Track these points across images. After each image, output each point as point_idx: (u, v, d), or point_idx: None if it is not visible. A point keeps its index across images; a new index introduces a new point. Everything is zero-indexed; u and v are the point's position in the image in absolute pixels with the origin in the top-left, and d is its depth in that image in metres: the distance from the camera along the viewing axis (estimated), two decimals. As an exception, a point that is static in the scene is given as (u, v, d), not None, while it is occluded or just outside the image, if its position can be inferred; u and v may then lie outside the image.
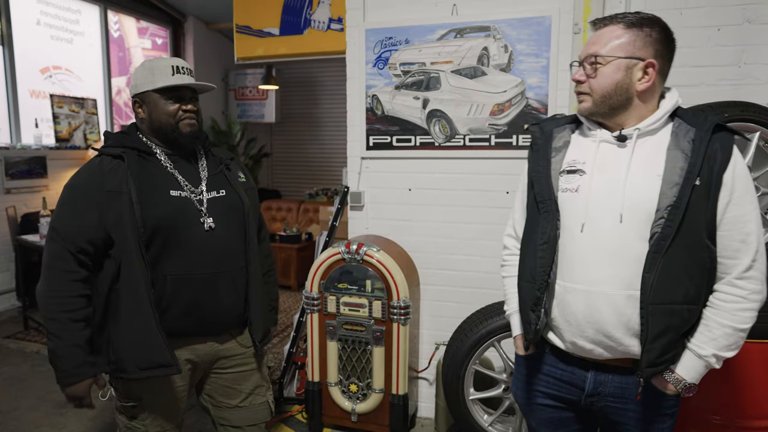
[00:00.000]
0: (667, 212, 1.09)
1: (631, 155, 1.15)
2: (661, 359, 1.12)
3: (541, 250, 1.22)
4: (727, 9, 2.08)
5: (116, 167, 1.40)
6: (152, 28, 5.96)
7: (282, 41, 3.25)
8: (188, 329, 1.49)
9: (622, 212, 1.13)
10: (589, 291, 1.16)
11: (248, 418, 1.66)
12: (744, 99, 1.87)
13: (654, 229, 1.10)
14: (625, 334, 1.14)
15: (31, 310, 3.95)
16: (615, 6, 2.18)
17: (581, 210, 1.18)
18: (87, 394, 1.38)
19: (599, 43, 1.17)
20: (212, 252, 1.47)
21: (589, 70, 1.18)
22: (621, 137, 1.17)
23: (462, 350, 1.97)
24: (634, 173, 1.14)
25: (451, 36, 2.39)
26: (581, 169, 1.20)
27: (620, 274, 1.13)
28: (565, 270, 1.20)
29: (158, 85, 1.44)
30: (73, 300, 1.36)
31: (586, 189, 1.18)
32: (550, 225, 1.21)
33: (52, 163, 4.57)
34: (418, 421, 2.62)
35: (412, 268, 2.52)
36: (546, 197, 1.23)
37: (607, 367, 1.20)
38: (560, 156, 1.25)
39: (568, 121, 1.31)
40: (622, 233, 1.13)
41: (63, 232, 1.37)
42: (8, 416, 2.65)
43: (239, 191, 1.57)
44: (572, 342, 1.20)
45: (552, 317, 1.23)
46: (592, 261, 1.16)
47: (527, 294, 1.26)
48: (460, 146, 2.44)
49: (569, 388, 1.26)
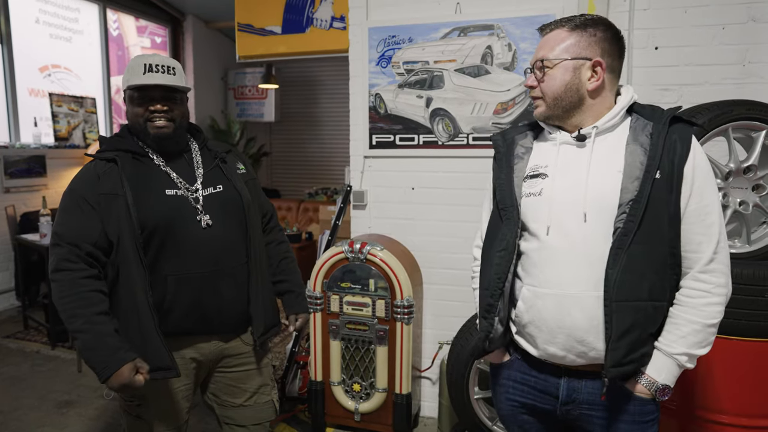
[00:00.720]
0: (629, 207, 1.08)
1: (591, 154, 1.15)
2: (628, 358, 1.09)
3: (498, 256, 1.21)
4: (732, 7, 2.07)
5: (110, 170, 1.39)
6: (151, 26, 5.94)
7: (284, 40, 3.23)
8: (192, 328, 1.49)
9: (585, 211, 1.12)
10: (558, 294, 1.13)
11: (253, 417, 1.65)
12: (748, 97, 1.86)
13: (616, 224, 1.09)
14: (596, 338, 1.11)
15: (30, 310, 3.93)
16: (619, 4, 2.18)
17: (545, 213, 1.16)
18: (132, 378, 1.31)
19: (546, 48, 1.18)
20: (210, 250, 1.46)
21: (538, 75, 1.19)
22: (580, 137, 1.17)
23: (467, 349, 1.97)
24: (594, 171, 1.14)
25: (454, 34, 2.39)
26: (543, 173, 1.20)
27: (588, 275, 1.11)
28: (533, 274, 1.18)
29: (130, 83, 1.42)
30: (90, 294, 1.34)
31: (549, 191, 1.17)
32: (510, 232, 1.21)
33: (52, 162, 4.55)
34: (422, 421, 2.62)
35: (415, 267, 2.51)
36: (508, 204, 1.22)
37: (579, 373, 1.18)
38: (523, 162, 1.25)
39: (529, 127, 1.31)
40: (587, 233, 1.12)
41: (67, 237, 1.35)
42: (9, 416, 2.64)
43: (237, 185, 1.55)
44: (544, 349, 1.17)
45: (523, 324, 1.20)
46: (559, 263, 1.14)
47: (481, 300, 1.25)
48: (464, 145, 2.44)
49: (543, 396, 1.23)
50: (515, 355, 1.28)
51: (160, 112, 1.42)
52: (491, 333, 1.22)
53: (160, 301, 1.42)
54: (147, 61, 1.42)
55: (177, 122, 1.46)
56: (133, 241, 1.36)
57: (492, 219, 1.30)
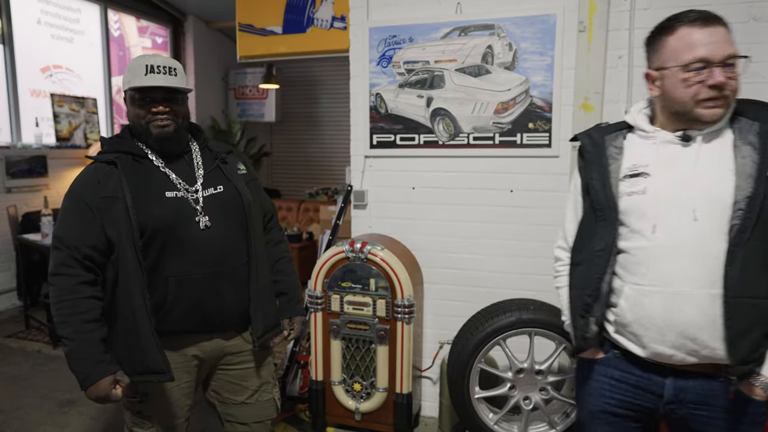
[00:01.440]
0: (745, 203, 1.09)
1: (698, 153, 1.16)
2: (752, 357, 1.10)
3: (598, 257, 1.23)
4: (733, 6, 2.07)
5: (110, 173, 1.40)
6: (152, 27, 5.95)
7: (285, 40, 3.24)
8: (194, 328, 1.49)
9: (695, 209, 1.13)
10: (666, 292, 1.14)
11: (255, 415, 1.66)
12: (750, 97, 1.86)
13: (733, 221, 1.10)
14: (711, 336, 1.11)
15: (32, 310, 3.94)
16: (620, 3, 2.18)
17: (650, 211, 1.17)
18: (109, 392, 1.34)
19: (727, 43, 1.13)
20: (211, 250, 1.46)
21: (730, 72, 1.13)
22: (686, 137, 1.18)
23: (467, 349, 1.97)
24: (703, 170, 1.14)
25: (455, 34, 2.39)
26: (645, 172, 1.20)
27: (700, 273, 1.12)
28: (639, 273, 1.18)
29: (131, 85, 1.42)
30: (82, 302, 1.36)
31: (653, 190, 1.18)
32: (608, 233, 1.22)
33: (53, 162, 4.56)
34: (422, 420, 2.62)
35: (416, 266, 2.51)
36: (604, 205, 1.23)
37: (687, 373, 1.17)
38: (618, 163, 1.25)
39: (617, 128, 1.32)
40: (698, 230, 1.12)
41: (66, 241, 1.37)
42: (11, 415, 2.64)
43: (238, 185, 1.55)
44: (651, 348, 1.17)
45: (626, 323, 1.21)
46: (668, 261, 1.14)
47: (577, 299, 1.27)
48: (464, 145, 2.44)
49: (644, 395, 1.23)
50: (612, 352, 1.28)
51: (162, 113, 1.43)
52: (587, 333, 1.24)
53: (161, 302, 1.43)
54: (148, 62, 1.42)
55: (178, 123, 1.47)
56: (132, 244, 1.37)
57: (585, 219, 1.31)
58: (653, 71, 1.23)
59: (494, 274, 2.46)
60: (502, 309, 1.99)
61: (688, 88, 1.15)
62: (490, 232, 2.46)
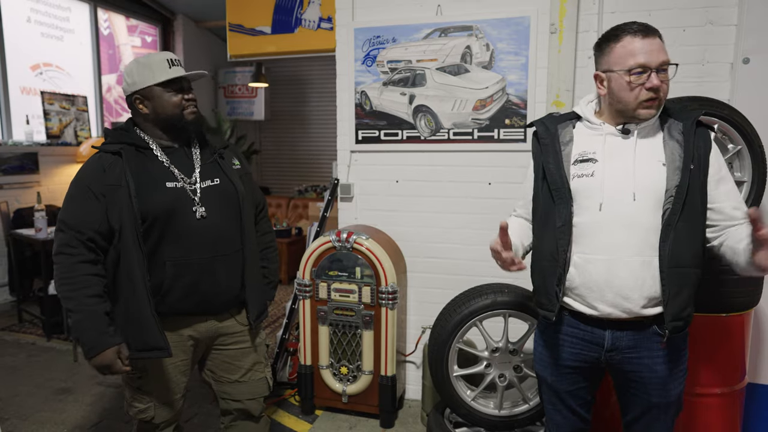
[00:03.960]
0: (675, 191, 1.32)
1: (635, 145, 1.37)
2: (682, 314, 1.34)
3: (560, 231, 1.40)
4: (692, 11, 2.23)
5: (115, 163, 1.50)
6: (142, 26, 6.00)
7: (274, 39, 3.35)
8: (190, 309, 1.60)
9: (634, 192, 1.34)
10: (608, 259, 1.35)
11: (248, 392, 1.77)
12: (705, 95, 2.01)
13: (665, 205, 1.32)
14: (640, 296, 1.33)
15: (25, 304, 4.00)
16: (589, 7, 2.32)
17: (598, 191, 1.37)
18: (114, 362, 1.46)
19: (662, 52, 1.33)
20: (206, 238, 1.57)
21: (663, 77, 1.33)
22: (625, 130, 1.39)
23: (446, 329, 2.10)
24: (640, 160, 1.35)
25: (435, 35, 2.52)
26: (593, 158, 1.39)
27: (636, 243, 1.33)
28: (585, 243, 1.38)
29: (160, 79, 1.53)
30: (84, 278, 1.46)
31: (600, 174, 1.37)
32: (565, 209, 1.40)
33: (44, 159, 4.61)
34: (406, 403, 2.74)
35: (400, 255, 2.64)
36: (559, 185, 1.41)
37: (622, 325, 1.38)
38: (569, 148, 1.44)
39: (567, 117, 1.51)
40: (635, 209, 1.34)
41: (71, 224, 1.47)
42: (8, 402, 2.72)
43: (233, 179, 1.67)
44: (593, 306, 1.38)
45: (574, 287, 1.40)
46: (610, 233, 1.35)
47: (549, 272, 1.43)
48: (445, 140, 2.57)
49: (590, 346, 1.43)
50: (563, 313, 1.47)
51: (192, 99, 1.59)
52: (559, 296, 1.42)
53: (159, 285, 1.53)
54: (167, 57, 1.57)
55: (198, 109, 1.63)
56: (134, 229, 1.47)
57: (543, 199, 1.48)
58: (601, 73, 1.41)
59: (474, 262, 2.59)
60: (479, 292, 2.12)
61: (632, 91, 1.34)
62: (469, 223, 2.59)
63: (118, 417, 2.58)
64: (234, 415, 1.79)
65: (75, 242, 1.46)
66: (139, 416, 1.62)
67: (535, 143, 1.53)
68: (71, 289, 1.45)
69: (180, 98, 1.56)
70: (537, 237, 1.51)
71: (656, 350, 1.40)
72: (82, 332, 1.45)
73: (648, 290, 1.34)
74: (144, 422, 1.64)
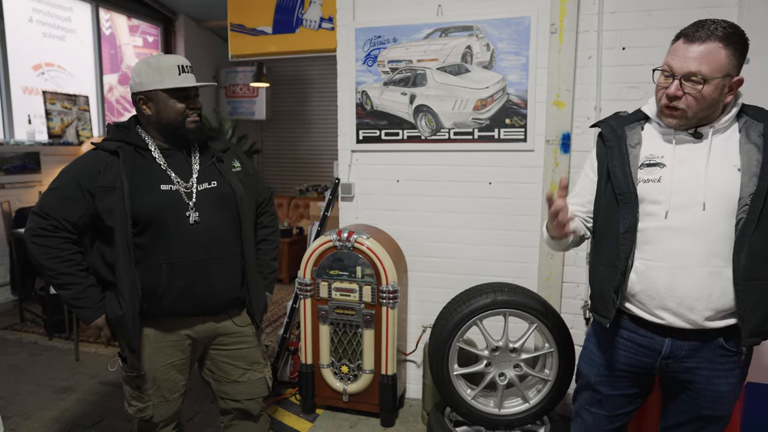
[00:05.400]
0: (750, 199, 1.22)
1: (709, 150, 1.28)
2: (762, 328, 1.26)
3: (623, 237, 1.34)
4: (692, 11, 2.22)
5: (111, 163, 1.50)
6: (143, 25, 6.01)
7: (275, 39, 3.36)
8: (187, 311, 1.61)
9: (704, 201, 1.26)
10: (672, 266, 1.28)
11: (246, 392, 1.77)
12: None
13: (739, 215, 1.24)
14: (706, 307, 1.27)
15: (26, 303, 4.01)
16: (589, 7, 2.32)
17: (665, 198, 1.30)
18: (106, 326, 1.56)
19: (703, 62, 1.20)
20: (200, 242, 1.57)
21: (689, 88, 1.22)
22: (697, 134, 1.30)
23: (447, 328, 2.10)
24: (713, 166, 1.27)
25: (436, 35, 2.52)
26: (661, 162, 1.32)
27: (702, 252, 1.26)
28: (648, 250, 1.32)
29: (167, 86, 1.52)
30: (72, 255, 1.51)
31: (668, 179, 1.30)
32: (630, 215, 1.33)
33: (46, 159, 4.62)
34: (407, 402, 2.75)
35: (400, 255, 2.65)
36: (625, 190, 1.34)
37: (684, 334, 1.32)
38: (636, 151, 1.36)
39: (636, 118, 1.42)
40: (704, 217, 1.26)
41: (48, 211, 1.49)
42: (10, 401, 2.73)
43: (231, 181, 1.66)
44: (655, 314, 1.33)
45: (635, 293, 1.35)
46: (676, 241, 1.28)
47: (608, 278, 1.38)
48: (445, 139, 2.57)
49: (646, 351, 1.38)
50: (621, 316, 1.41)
51: (196, 108, 1.59)
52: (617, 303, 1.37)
53: (155, 287, 1.53)
54: (178, 63, 1.55)
55: (202, 118, 1.63)
56: (125, 232, 1.47)
57: (606, 202, 1.41)
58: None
59: (474, 261, 2.60)
60: (479, 291, 2.13)
61: (657, 92, 1.30)
62: (470, 222, 2.60)
63: (119, 415, 2.59)
64: (233, 415, 1.80)
65: (50, 226, 1.48)
66: (139, 415, 1.63)
67: (600, 145, 1.45)
68: (64, 266, 1.50)
69: (184, 106, 1.56)
70: (596, 241, 1.46)
71: (718, 363, 1.33)
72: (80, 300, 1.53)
73: (715, 302, 1.27)
74: (143, 421, 1.65)
